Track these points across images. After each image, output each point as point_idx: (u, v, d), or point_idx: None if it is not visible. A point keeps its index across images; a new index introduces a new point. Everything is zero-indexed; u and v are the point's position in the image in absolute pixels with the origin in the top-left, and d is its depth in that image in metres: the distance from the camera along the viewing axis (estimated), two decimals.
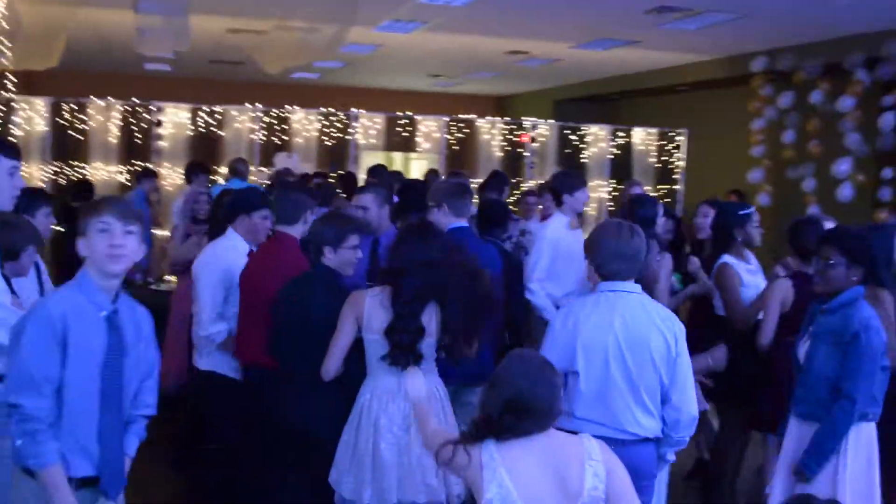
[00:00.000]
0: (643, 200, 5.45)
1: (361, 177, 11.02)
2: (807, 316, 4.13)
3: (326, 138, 12.62)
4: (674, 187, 13.59)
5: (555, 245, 5.56)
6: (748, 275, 5.08)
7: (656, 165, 13.60)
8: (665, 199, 13.59)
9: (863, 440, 3.87)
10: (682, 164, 13.52)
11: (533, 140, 13.64)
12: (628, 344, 3.37)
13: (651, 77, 14.51)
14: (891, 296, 4.33)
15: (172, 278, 7.57)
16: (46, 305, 2.84)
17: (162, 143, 11.83)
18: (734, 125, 13.14)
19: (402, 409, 3.62)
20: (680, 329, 3.49)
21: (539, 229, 5.82)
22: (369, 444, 3.58)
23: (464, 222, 4.79)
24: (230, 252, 4.60)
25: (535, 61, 14.16)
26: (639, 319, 3.41)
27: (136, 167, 11.61)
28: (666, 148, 13.60)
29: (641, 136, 13.64)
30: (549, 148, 13.59)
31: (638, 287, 3.52)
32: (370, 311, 3.68)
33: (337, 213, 4.51)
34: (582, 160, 13.60)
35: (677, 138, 13.51)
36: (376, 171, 7.50)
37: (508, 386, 2.57)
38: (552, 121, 13.90)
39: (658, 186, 13.47)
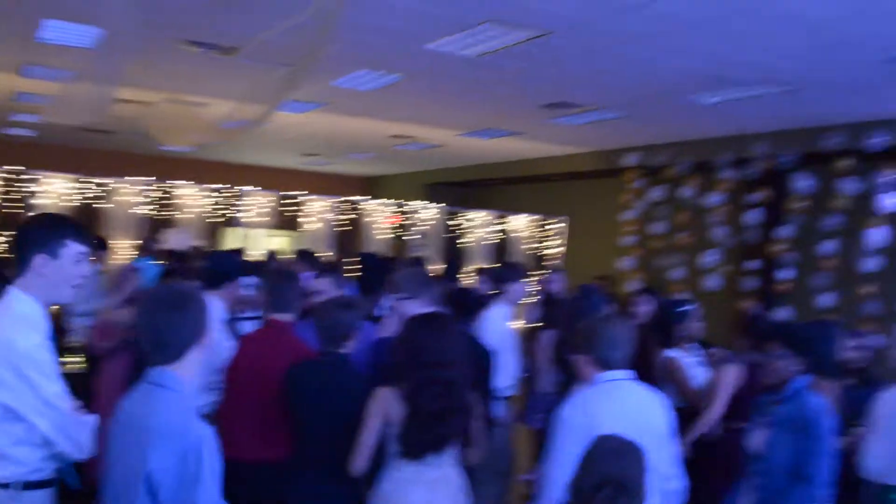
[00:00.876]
0: (593, 289, 5.68)
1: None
2: (755, 407, 4.42)
3: (212, 214, 12.42)
4: (551, 273, 14.07)
5: (501, 337, 5.68)
6: (693, 367, 5.38)
7: (535, 251, 14.13)
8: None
9: None
10: (560, 250, 14.10)
11: (403, 222, 13.90)
12: (643, 429, 3.49)
13: (528, 165, 15.16)
14: (835, 385, 4.73)
15: (76, 358, 7.20)
16: None
17: None
18: (608, 214, 13.89)
19: (421, 497, 3.67)
20: (670, 410, 3.77)
21: (481, 320, 5.87)
22: None
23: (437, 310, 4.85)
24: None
25: (416, 146, 14.51)
26: (647, 405, 3.65)
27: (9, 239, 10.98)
28: (544, 234, 14.16)
29: (522, 223, 14.16)
30: (434, 231, 13.88)
31: (631, 374, 3.70)
32: (394, 406, 3.74)
33: (350, 299, 4.48)
34: (465, 244, 13.96)
35: (555, 225, 14.11)
36: (304, 255, 7.47)
37: (603, 465, 2.65)
38: (440, 204, 14.22)
39: (537, 271, 13.94)
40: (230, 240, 12.98)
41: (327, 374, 3.91)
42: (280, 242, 14.07)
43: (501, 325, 5.73)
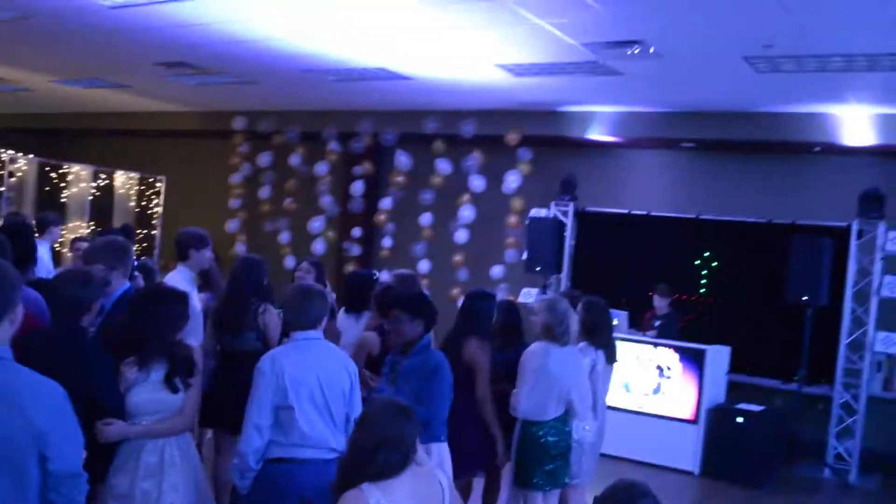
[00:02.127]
0: (257, 261, 5.93)
1: None
2: (387, 365, 4.98)
3: None
4: (152, 232, 13.75)
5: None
6: None
7: (136, 209, 13.67)
8: (143, 244, 13.78)
9: (437, 457, 4.74)
10: (159, 209, 13.78)
11: None
12: (325, 381, 3.97)
13: (131, 119, 14.58)
14: (489, 345, 5.57)
15: None
16: None
17: None
18: (215, 176, 13.92)
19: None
20: (354, 367, 4.20)
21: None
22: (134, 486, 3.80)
23: (128, 282, 4.81)
24: None
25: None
26: (329, 361, 4.07)
27: None
28: (146, 193, 13.72)
29: (122, 180, 13.59)
30: (27, 184, 12.77)
31: (319, 334, 4.13)
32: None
33: (89, 273, 4.18)
34: (62, 199, 13.05)
35: (157, 184, 13.74)
36: None
37: (378, 427, 2.95)
38: (31, 156, 13.06)
39: (137, 230, 13.52)
40: None
41: (61, 347, 3.73)
42: None
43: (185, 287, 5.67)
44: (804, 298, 8.86)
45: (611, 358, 5.91)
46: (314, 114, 12.71)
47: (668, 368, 9.02)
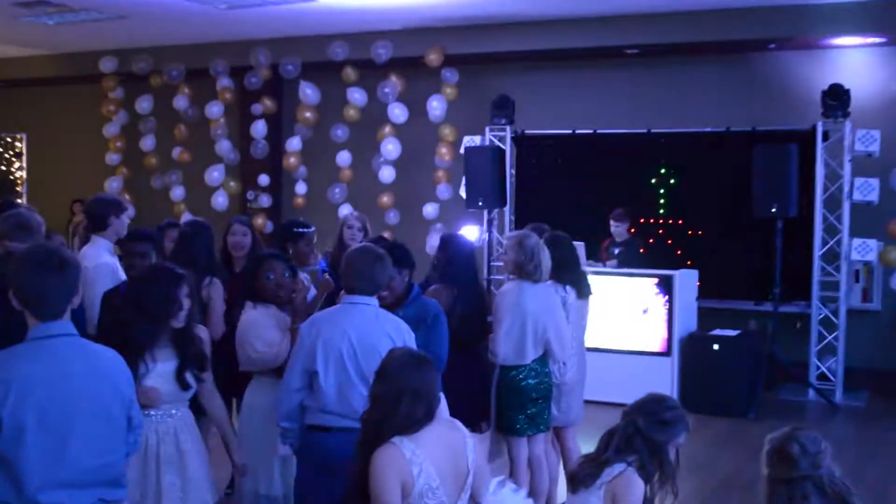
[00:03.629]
0: (204, 225, 5.65)
1: None
2: None
3: None
4: (17, 200, 12.17)
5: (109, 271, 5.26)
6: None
7: None
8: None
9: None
10: (23, 173, 12.17)
11: None
12: (361, 348, 3.88)
13: None
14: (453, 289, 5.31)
15: None
16: None
17: None
18: (86, 129, 12.52)
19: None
20: (409, 333, 4.07)
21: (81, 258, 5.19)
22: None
23: None
24: None
25: None
26: (371, 327, 3.96)
27: None
28: (5, 155, 12.08)
29: None
30: None
31: (374, 300, 4.04)
32: None
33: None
34: None
35: (17, 143, 12.12)
36: None
37: (398, 378, 3.00)
38: None
39: None
40: None
41: None
42: None
43: (105, 259, 5.34)
44: (772, 211, 8.59)
45: (583, 293, 5.69)
46: (198, 47, 11.42)
47: (641, 299, 8.54)
